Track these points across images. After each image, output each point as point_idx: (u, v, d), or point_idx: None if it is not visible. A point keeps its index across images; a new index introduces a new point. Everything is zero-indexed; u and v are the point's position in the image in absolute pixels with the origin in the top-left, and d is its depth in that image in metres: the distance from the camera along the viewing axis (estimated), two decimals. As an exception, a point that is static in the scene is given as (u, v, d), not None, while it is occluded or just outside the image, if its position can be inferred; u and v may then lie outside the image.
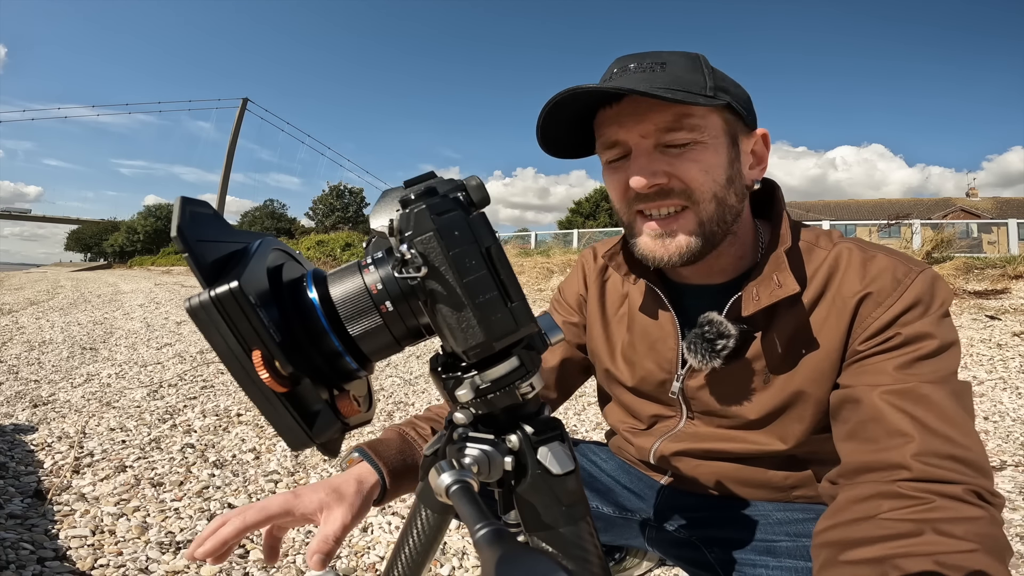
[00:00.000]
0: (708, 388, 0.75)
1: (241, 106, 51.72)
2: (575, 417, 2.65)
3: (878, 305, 0.63)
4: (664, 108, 0.64)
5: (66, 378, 3.30)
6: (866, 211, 30.34)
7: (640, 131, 0.65)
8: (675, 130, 0.64)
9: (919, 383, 0.57)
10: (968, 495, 0.51)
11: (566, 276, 0.98)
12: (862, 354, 0.63)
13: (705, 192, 0.65)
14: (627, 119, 0.66)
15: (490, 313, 0.37)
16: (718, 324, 0.70)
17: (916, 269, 0.64)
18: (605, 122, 0.68)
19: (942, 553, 0.47)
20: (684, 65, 0.65)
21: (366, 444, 0.69)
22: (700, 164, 0.65)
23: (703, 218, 0.66)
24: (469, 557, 1.43)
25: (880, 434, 0.57)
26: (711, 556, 0.78)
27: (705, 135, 0.65)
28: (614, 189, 0.71)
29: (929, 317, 0.61)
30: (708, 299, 0.74)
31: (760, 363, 0.71)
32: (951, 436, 0.54)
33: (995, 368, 3.45)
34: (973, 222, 16.65)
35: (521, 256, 11.65)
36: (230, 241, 0.39)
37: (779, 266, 0.67)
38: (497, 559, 0.25)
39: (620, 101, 0.66)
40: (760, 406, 0.72)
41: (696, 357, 0.71)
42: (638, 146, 0.66)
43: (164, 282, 14.26)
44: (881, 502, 0.53)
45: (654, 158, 0.65)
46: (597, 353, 0.89)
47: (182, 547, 1.42)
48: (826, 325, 0.66)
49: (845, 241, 0.71)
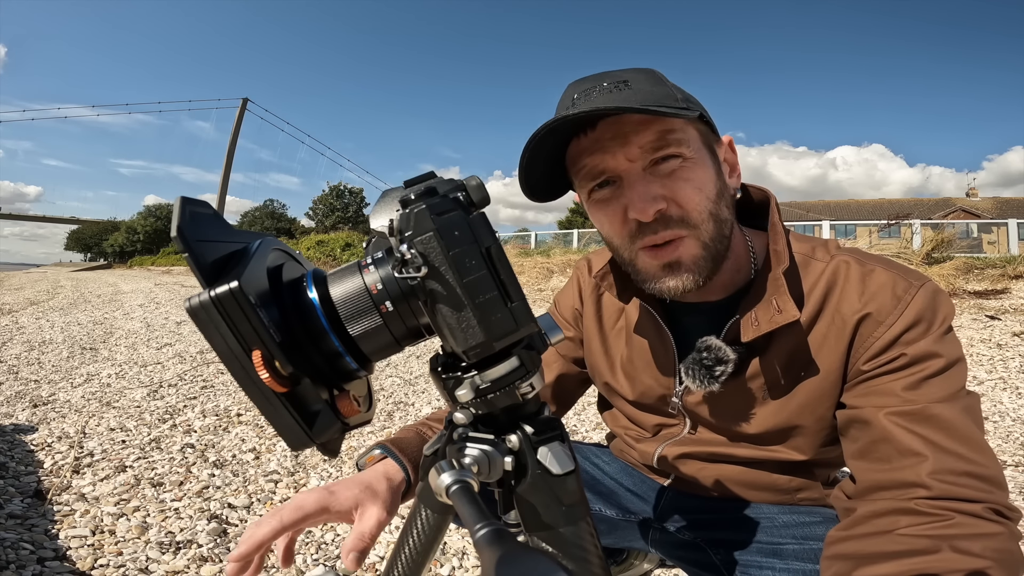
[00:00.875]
0: (707, 406, 0.75)
1: (241, 106, 51.72)
2: (575, 417, 2.65)
3: (879, 324, 0.61)
4: (645, 127, 0.61)
5: (66, 378, 3.30)
6: (866, 211, 30.33)
7: (626, 155, 0.62)
8: (661, 147, 0.61)
9: (928, 404, 0.56)
10: (987, 512, 0.51)
11: (562, 288, 0.97)
12: (867, 374, 0.62)
13: (702, 213, 0.63)
14: (609, 144, 0.62)
15: (490, 313, 0.37)
16: (716, 350, 0.68)
17: (916, 284, 0.62)
18: (583, 152, 0.64)
19: (959, 571, 0.47)
20: (647, 80, 0.62)
21: (388, 441, 0.68)
22: (692, 183, 0.62)
23: (705, 240, 0.64)
24: (469, 557, 1.43)
25: (892, 454, 0.56)
26: (716, 558, 0.78)
27: (689, 149, 0.62)
28: (610, 222, 0.66)
29: (932, 335, 0.59)
30: (704, 317, 0.73)
31: (758, 383, 0.70)
32: (964, 454, 0.54)
33: (995, 368, 3.45)
34: (973, 222, 16.65)
35: (521, 256, 11.65)
36: (230, 241, 0.39)
37: (777, 289, 0.65)
38: (497, 559, 0.25)
39: (595, 128, 0.62)
40: (760, 424, 0.71)
41: (694, 382, 0.70)
42: (628, 172, 0.62)
43: (164, 282, 14.26)
44: (899, 518, 0.52)
45: (649, 181, 0.62)
46: (597, 367, 0.88)
47: (182, 547, 1.42)
48: (825, 345, 0.65)
49: (842, 253, 0.68)
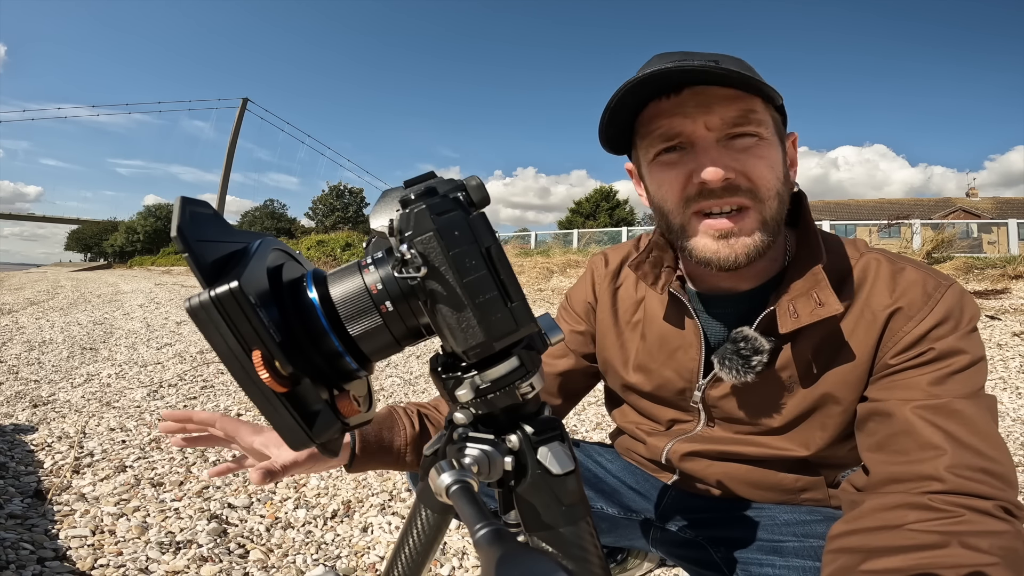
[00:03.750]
0: (734, 398, 0.75)
1: (241, 106, 51.73)
2: (575, 417, 2.65)
3: (909, 319, 0.62)
4: (730, 102, 0.62)
5: (66, 378, 3.30)
6: (866, 211, 30.35)
7: (707, 123, 0.62)
8: (741, 124, 0.62)
9: (952, 398, 0.57)
10: (997, 510, 0.52)
11: (574, 283, 0.96)
12: (893, 368, 0.63)
13: (770, 189, 0.64)
14: (692, 110, 0.62)
15: (490, 313, 0.37)
16: (753, 340, 0.68)
17: (945, 284, 0.63)
18: (662, 114, 0.64)
19: (965, 567, 0.47)
20: (736, 63, 0.63)
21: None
22: (766, 161, 0.63)
23: (766, 216, 0.64)
24: (469, 557, 1.43)
25: (911, 447, 0.57)
26: (717, 556, 0.78)
27: (767, 131, 0.64)
28: (670, 185, 0.66)
29: (960, 332, 0.61)
30: (732, 308, 0.73)
31: (788, 373, 0.70)
32: (982, 450, 0.54)
33: (995, 368, 3.45)
34: (973, 222, 16.66)
35: (521, 256, 11.66)
36: (230, 241, 0.39)
37: (818, 283, 0.65)
38: (497, 559, 0.25)
39: (680, 93, 0.63)
40: (785, 415, 0.72)
41: (730, 372, 0.70)
42: (704, 138, 0.63)
43: (164, 282, 14.26)
44: (908, 512, 0.53)
45: (722, 152, 0.63)
46: (610, 361, 0.87)
47: (182, 547, 1.42)
48: (855, 337, 0.66)
49: (872, 251, 0.70)
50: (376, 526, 1.58)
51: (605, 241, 16.84)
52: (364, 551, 1.46)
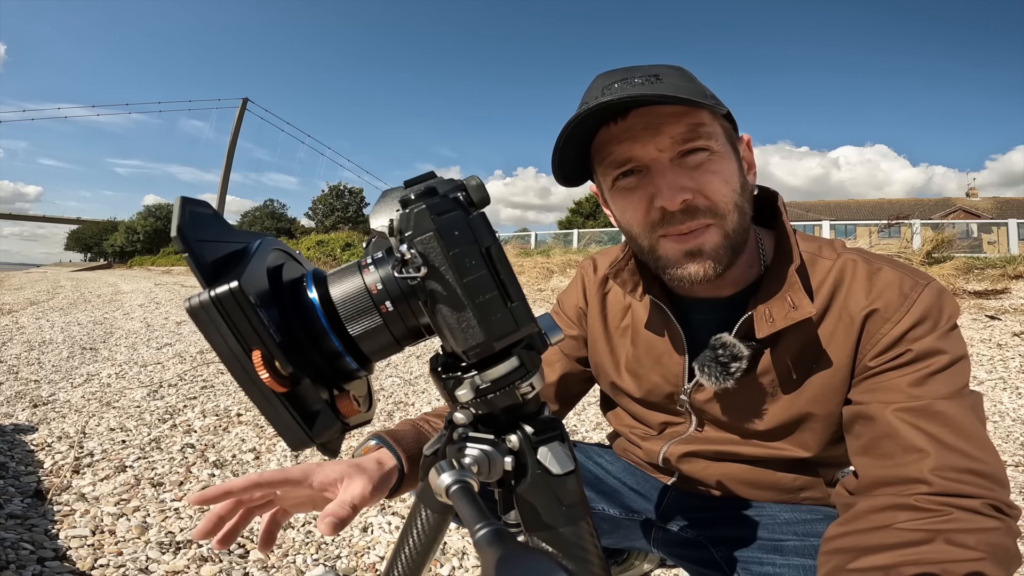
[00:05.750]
0: (717, 403, 0.75)
1: (241, 106, 51.69)
2: (575, 417, 2.65)
3: (886, 321, 0.62)
4: (677, 119, 0.62)
5: (66, 378, 3.30)
6: (866, 211, 30.35)
7: (657, 145, 0.63)
8: (691, 139, 0.62)
9: (932, 400, 0.57)
10: (985, 508, 0.52)
11: (565, 287, 0.97)
12: (873, 370, 0.62)
13: (728, 203, 0.64)
14: (640, 133, 0.63)
15: (490, 313, 0.37)
16: (731, 347, 0.69)
17: (922, 282, 0.63)
18: (612, 140, 0.65)
19: (949, 561, 0.47)
20: (677, 76, 0.63)
21: (383, 432, 0.68)
22: (720, 175, 0.63)
23: (728, 230, 0.65)
24: (469, 557, 1.43)
25: (895, 450, 0.56)
26: (717, 555, 0.78)
27: (717, 143, 0.64)
28: (633, 210, 0.67)
29: (938, 332, 0.60)
30: (714, 314, 0.73)
31: (769, 378, 0.70)
32: (967, 450, 0.54)
33: (995, 368, 3.45)
34: (973, 222, 16.66)
35: (521, 256, 11.65)
36: (230, 241, 0.39)
37: (792, 286, 0.65)
38: (497, 559, 0.25)
39: (626, 117, 0.63)
40: (770, 420, 0.72)
41: (709, 379, 0.70)
42: (657, 161, 0.63)
43: (164, 282, 14.26)
44: (897, 513, 0.53)
45: (677, 173, 0.63)
46: (602, 366, 0.88)
47: (182, 547, 1.42)
48: (833, 340, 0.66)
49: (848, 252, 0.69)
50: (376, 526, 1.58)
51: (605, 241, 16.83)
52: (364, 551, 1.46)
